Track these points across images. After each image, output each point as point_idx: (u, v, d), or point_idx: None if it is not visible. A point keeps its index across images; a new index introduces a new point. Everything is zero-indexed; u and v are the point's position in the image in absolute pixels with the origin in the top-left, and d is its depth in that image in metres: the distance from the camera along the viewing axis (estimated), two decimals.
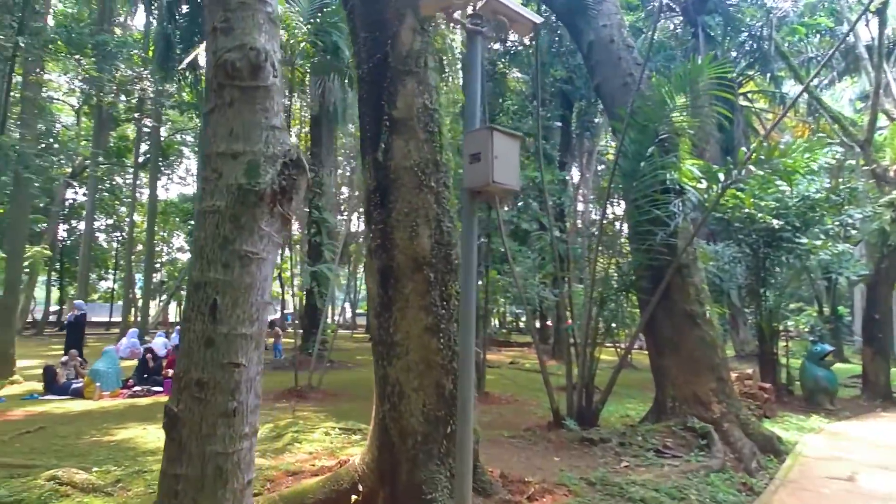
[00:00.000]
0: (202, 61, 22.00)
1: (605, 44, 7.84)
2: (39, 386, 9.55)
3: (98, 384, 8.96)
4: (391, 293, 4.23)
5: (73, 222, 33.42)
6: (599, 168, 21.88)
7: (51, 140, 30.65)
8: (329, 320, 18.79)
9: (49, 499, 4.18)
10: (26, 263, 26.75)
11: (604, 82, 8.01)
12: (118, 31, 24.61)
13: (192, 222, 23.83)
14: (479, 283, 9.90)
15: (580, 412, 6.84)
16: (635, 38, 11.47)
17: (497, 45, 18.39)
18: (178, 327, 19.81)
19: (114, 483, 4.53)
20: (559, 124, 16.33)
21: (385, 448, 4.18)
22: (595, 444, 5.99)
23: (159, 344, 14.56)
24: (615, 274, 7.26)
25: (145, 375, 9.76)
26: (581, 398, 6.86)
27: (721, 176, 6.47)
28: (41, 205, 28.77)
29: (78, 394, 9.00)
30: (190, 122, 28.24)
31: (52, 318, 31.66)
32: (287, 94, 12.52)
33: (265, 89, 1.90)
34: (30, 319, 30.46)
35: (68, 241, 33.37)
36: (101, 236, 35.20)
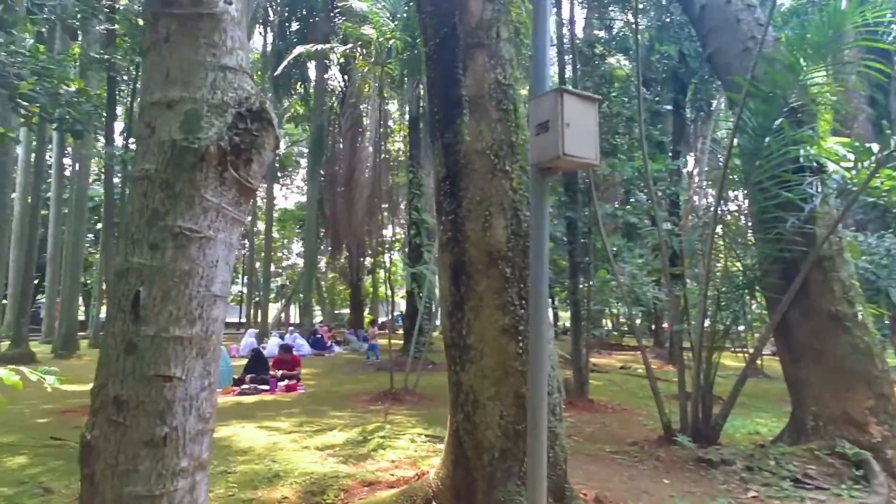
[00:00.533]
0: (311, 74, 23.16)
1: (720, 5, 6.85)
2: None
3: None
4: (463, 291, 3.81)
5: None
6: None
7: None
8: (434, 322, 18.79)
9: None
10: None
11: (719, 51, 7.01)
12: None
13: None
14: (583, 282, 9.18)
15: (696, 426, 5.96)
16: None
17: (601, 32, 17.35)
18: (291, 328, 20.96)
19: None
20: (669, 108, 14.95)
21: (459, 463, 3.77)
22: (714, 466, 5.13)
23: (273, 344, 15.34)
24: (736, 268, 6.27)
25: (252, 374, 10.16)
26: (697, 410, 5.98)
27: (874, 147, 5.30)
28: None
29: None
30: (304, 132, 29.89)
31: None
32: (382, 96, 12.60)
33: (211, 18, 1.48)
34: None
35: None
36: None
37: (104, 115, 9.23)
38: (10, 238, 17.03)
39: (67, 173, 19.64)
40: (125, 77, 10.01)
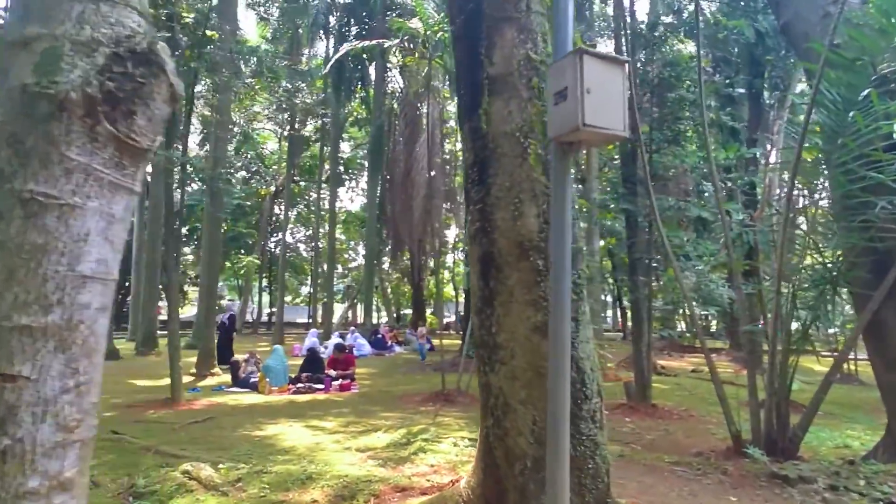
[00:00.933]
0: (371, 75, 23.46)
1: None
2: (230, 378, 10.61)
3: (268, 379, 9.63)
4: (492, 285, 3.52)
5: (279, 235, 38.15)
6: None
7: (260, 164, 35.46)
8: None
9: (174, 493, 4.26)
10: (242, 271, 31.31)
11: (795, 18, 6.31)
12: (304, 60, 27.35)
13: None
14: (650, 280, 8.58)
15: (770, 438, 5.35)
16: None
17: (668, 18, 16.39)
18: (352, 328, 21.25)
19: (234, 482, 4.51)
20: (742, 91, 13.86)
21: (490, 472, 3.49)
22: (791, 484, 4.55)
23: (333, 344, 15.53)
24: (816, 262, 5.59)
25: (308, 373, 10.26)
26: (771, 419, 5.36)
27: None
28: (253, 220, 33.44)
29: (254, 387, 9.77)
30: (367, 135, 30.43)
31: (264, 318, 36.39)
32: (429, 90, 12.43)
33: None
34: (249, 320, 35.52)
35: (275, 251, 38.25)
36: (302, 246, 39.65)
37: None
38: None
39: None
40: None
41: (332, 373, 10.45)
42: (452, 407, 8.25)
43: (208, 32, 11.12)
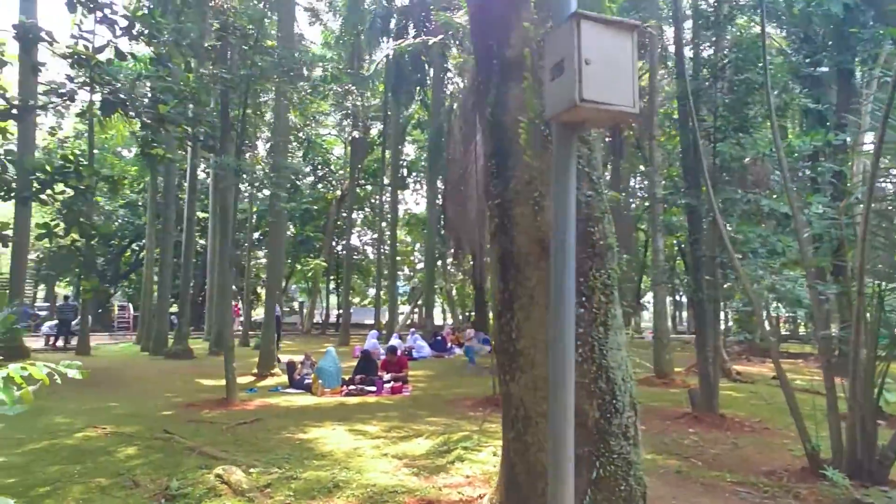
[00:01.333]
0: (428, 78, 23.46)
1: None
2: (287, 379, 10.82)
3: (321, 381, 9.72)
4: (512, 287, 3.25)
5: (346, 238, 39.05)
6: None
7: (327, 169, 36.45)
8: None
9: (203, 497, 4.26)
10: (310, 274, 32.26)
11: None
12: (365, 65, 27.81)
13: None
14: (714, 280, 7.90)
15: (854, 457, 4.70)
16: None
17: None
18: (412, 329, 21.24)
19: (263, 487, 4.47)
20: (825, 69, 12.59)
21: (512, 488, 3.21)
22: None
23: (394, 345, 15.55)
24: None
25: (362, 375, 10.26)
26: (854, 436, 4.71)
27: None
28: (320, 224, 34.39)
29: (308, 389, 9.89)
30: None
31: (332, 320, 37.32)
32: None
33: None
34: (318, 321, 36.55)
35: (343, 254, 39.16)
36: (369, 249, 40.37)
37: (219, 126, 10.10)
38: (172, 248, 19.29)
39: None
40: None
41: (386, 375, 10.40)
42: (500, 412, 7.94)
43: (268, 42, 11.46)
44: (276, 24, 14.30)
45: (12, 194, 14.33)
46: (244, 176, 12.08)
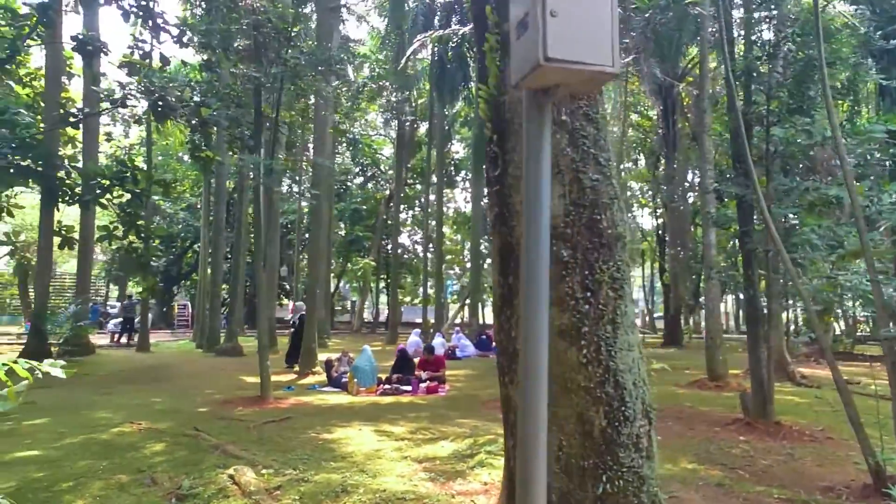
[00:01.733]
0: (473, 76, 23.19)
1: None
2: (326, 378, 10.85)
3: (356, 380, 9.66)
4: (511, 281, 2.97)
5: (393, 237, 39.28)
6: None
7: (376, 169, 36.81)
8: None
9: (212, 498, 4.21)
10: (360, 273, 32.64)
11: None
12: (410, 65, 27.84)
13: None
14: (769, 274, 7.27)
15: None
16: None
17: None
18: (457, 328, 21.02)
19: (273, 489, 4.36)
20: None
21: (513, 499, 2.92)
22: None
23: (437, 343, 15.42)
24: None
25: (399, 374, 10.14)
26: None
27: None
28: (370, 224, 34.72)
29: (345, 387, 9.86)
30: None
31: (382, 318, 37.65)
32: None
33: None
34: (369, 320, 36.98)
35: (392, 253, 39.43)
36: (419, 248, 40.49)
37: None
38: (223, 247, 19.92)
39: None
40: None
41: (423, 374, 10.24)
42: None
43: (307, 42, 11.55)
44: (316, 24, 14.44)
45: (76, 199, 15.09)
46: (287, 174, 12.27)
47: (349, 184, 35.85)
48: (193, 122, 13.02)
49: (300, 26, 10.27)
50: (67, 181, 15.20)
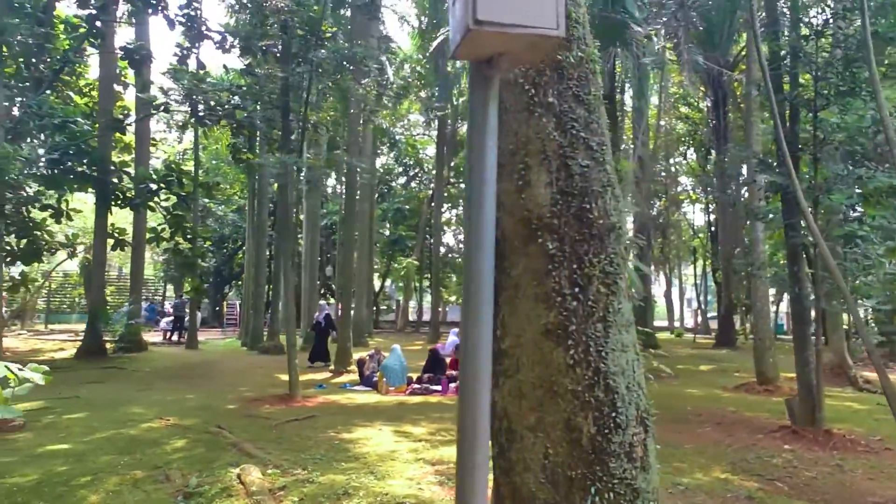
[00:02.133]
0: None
1: None
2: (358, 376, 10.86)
3: (385, 379, 9.60)
4: (497, 276, 2.76)
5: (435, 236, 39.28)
6: None
7: (419, 169, 36.92)
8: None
9: (215, 497, 4.19)
10: (403, 273, 32.81)
11: None
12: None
13: None
14: (818, 272, 6.70)
15: None
16: None
17: None
18: None
19: (277, 489, 4.31)
20: None
21: None
22: None
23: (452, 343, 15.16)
24: None
25: (430, 374, 10.02)
26: None
27: None
28: (413, 223, 34.86)
29: (375, 386, 9.83)
30: None
31: (426, 318, 37.70)
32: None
33: None
34: (412, 319, 37.11)
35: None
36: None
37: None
38: (266, 247, 20.37)
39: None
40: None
41: (452, 374, 10.08)
42: None
43: (339, 42, 11.62)
44: (350, 25, 14.52)
45: (127, 202, 15.74)
46: (325, 174, 12.40)
47: (392, 184, 36.10)
48: (232, 125, 13.37)
49: (332, 26, 10.31)
50: (119, 185, 15.94)
